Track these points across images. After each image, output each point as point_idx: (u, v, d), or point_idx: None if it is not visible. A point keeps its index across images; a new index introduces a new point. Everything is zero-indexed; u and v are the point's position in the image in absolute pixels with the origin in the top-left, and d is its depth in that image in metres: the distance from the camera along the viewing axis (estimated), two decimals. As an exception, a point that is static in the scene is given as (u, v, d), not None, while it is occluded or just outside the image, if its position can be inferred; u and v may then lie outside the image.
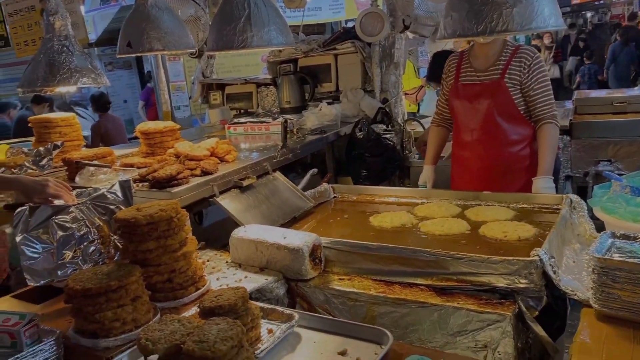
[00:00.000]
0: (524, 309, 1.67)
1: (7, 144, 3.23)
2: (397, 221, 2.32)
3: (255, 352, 1.47)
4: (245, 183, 2.49)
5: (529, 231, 2.08)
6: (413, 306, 1.77)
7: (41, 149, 2.74)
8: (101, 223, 1.87)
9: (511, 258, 1.72)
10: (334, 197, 2.88)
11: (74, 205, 1.78)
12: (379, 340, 1.51)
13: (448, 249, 1.87)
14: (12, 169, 2.61)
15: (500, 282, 1.72)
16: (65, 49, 2.55)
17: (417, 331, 1.77)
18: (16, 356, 1.44)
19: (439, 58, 3.71)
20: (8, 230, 2.29)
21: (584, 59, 11.46)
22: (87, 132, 6.29)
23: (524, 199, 2.44)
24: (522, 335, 1.68)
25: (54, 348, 1.52)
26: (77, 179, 2.37)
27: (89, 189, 1.92)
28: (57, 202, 1.82)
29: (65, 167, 2.60)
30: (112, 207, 1.86)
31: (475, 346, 1.69)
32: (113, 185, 1.83)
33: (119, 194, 1.86)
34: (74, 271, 1.71)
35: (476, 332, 1.68)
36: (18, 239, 1.77)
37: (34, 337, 1.52)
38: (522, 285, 1.69)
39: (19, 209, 1.81)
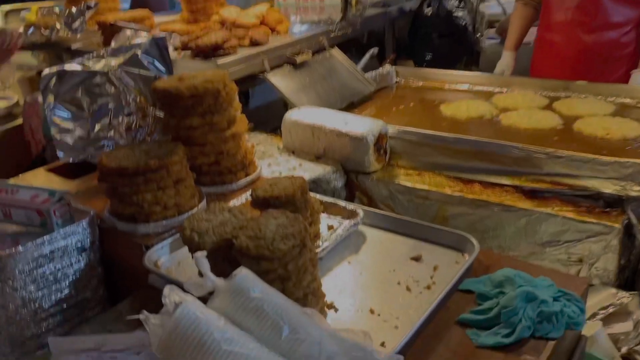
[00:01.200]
0: (634, 220, 1.39)
1: (38, 5, 2.96)
2: (473, 111, 2.01)
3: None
4: (299, 59, 2.18)
5: (635, 129, 1.75)
6: (496, 209, 1.52)
7: (73, 9, 2.46)
8: (138, 93, 1.63)
9: (625, 160, 1.42)
10: (396, 82, 2.55)
11: (107, 72, 1.52)
12: (461, 247, 1.27)
13: (537, 145, 1.58)
14: (43, 31, 2.36)
15: (608, 188, 1.44)
16: None
17: (498, 237, 1.53)
18: (45, 237, 1.26)
19: None
20: (40, 99, 2.08)
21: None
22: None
23: (627, 91, 2.07)
24: (626, 252, 1.42)
25: (88, 230, 1.35)
26: (112, 43, 2.11)
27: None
28: None
29: (100, 31, 2.33)
30: (149, 74, 1.60)
31: (567, 259, 1.45)
32: (145, 43, 1.55)
33: (155, 54, 1.58)
34: (108, 148, 1.50)
35: (572, 243, 1.43)
36: (47, 107, 1.55)
37: (65, 216, 1.35)
38: (634, 193, 1.40)
39: (45, 72, 1.57)
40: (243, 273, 0.89)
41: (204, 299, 0.88)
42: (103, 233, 1.41)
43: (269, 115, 2.81)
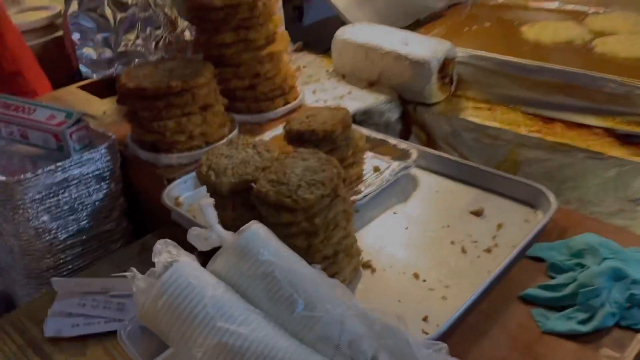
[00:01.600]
0: None
1: None
2: (562, 34, 1.69)
3: (354, 195, 1.08)
4: (358, -32, 1.89)
5: None
6: (580, 156, 1.25)
7: None
8: (169, 4, 1.43)
9: None
10: (472, -3, 2.21)
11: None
12: (533, 201, 1.05)
13: (640, 79, 1.27)
14: None
15: None
16: None
17: (578, 189, 1.28)
18: (59, 163, 1.14)
19: None
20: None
21: None
22: None
23: None
24: None
25: (107, 158, 1.21)
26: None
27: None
28: None
29: None
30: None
31: (665, 221, 1.19)
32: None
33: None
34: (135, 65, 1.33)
35: (673, 203, 1.17)
36: (70, 17, 1.39)
37: (83, 141, 1.22)
38: None
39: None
40: (253, 228, 0.72)
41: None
42: (126, 161, 1.29)
43: (324, 34, 2.54)
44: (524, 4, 2.07)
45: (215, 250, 0.73)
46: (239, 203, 0.94)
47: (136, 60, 1.43)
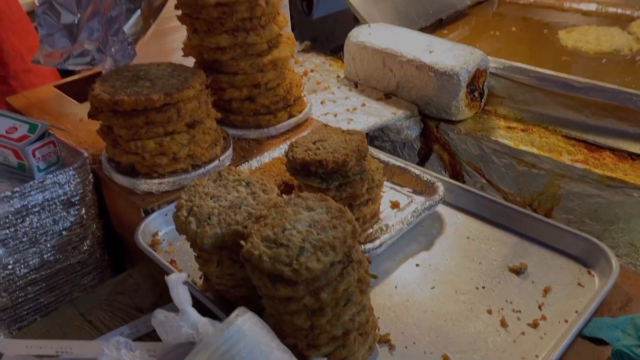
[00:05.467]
0: None
1: None
2: (605, 42, 1.48)
3: (369, 239, 0.89)
4: (376, -41, 1.68)
5: None
6: (635, 195, 1.06)
7: None
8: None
9: None
10: (499, -5, 2.00)
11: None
12: (587, 258, 0.86)
13: None
14: None
15: None
16: None
17: (631, 232, 1.09)
18: (17, 188, 0.96)
19: None
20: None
21: None
22: None
23: None
24: None
25: (77, 180, 1.03)
26: None
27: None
28: None
29: None
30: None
31: None
32: None
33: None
34: (98, 60, 1.13)
35: None
36: (39, 9, 1.19)
37: (49, 159, 1.03)
38: None
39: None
40: (239, 323, 0.54)
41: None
42: (102, 181, 1.10)
43: (337, 29, 2.34)
44: (558, 4, 1.87)
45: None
46: (225, 257, 0.75)
47: (98, 56, 1.20)
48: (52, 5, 1.14)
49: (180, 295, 0.55)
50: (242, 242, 0.67)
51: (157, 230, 0.97)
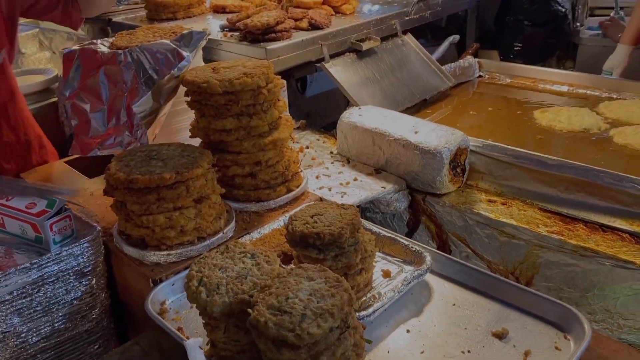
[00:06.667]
0: None
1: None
2: (576, 122, 1.62)
3: (362, 306, 0.97)
4: (365, 46, 1.84)
5: None
6: (607, 263, 1.15)
7: (120, -21, 2.23)
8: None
9: None
10: (479, 77, 2.17)
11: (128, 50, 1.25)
12: (563, 324, 0.93)
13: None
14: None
15: None
16: None
17: (605, 299, 1.17)
18: (35, 260, 1.03)
19: None
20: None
21: None
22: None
23: None
24: None
25: (90, 252, 1.10)
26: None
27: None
28: None
29: (144, 4, 2.09)
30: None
31: None
32: (181, 36, 1.27)
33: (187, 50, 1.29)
34: (119, 145, 1.23)
35: None
36: (65, 89, 1.31)
37: (65, 232, 1.11)
38: None
39: (67, 50, 1.33)
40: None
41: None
42: (111, 253, 1.17)
43: (328, 106, 2.49)
44: (533, 85, 2.03)
45: None
46: (232, 324, 0.82)
47: (120, 139, 1.31)
48: (81, 97, 1.25)
49: (197, 357, 0.62)
50: (250, 310, 0.75)
51: (164, 299, 1.04)
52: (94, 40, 1.40)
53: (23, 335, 1.05)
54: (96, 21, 2.16)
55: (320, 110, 2.39)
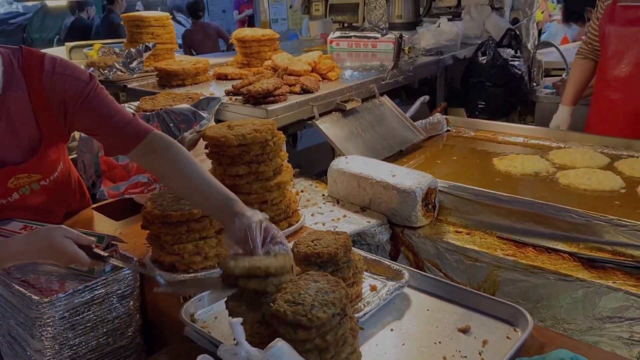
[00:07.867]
0: None
1: (101, 43, 3.08)
2: (529, 167, 1.93)
3: (355, 312, 1.21)
4: (348, 106, 2.16)
5: None
6: (552, 278, 1.42)
7: (132, 50, 2.54)
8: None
9: (697, 233, 1.31)
10: (447, 131, 2.49)
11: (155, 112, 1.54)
12: (513, 320, 1.19)
13: (597, 210, 1.47)
14: (102, 69, 2.44)
15: (678, 263, 1.32)
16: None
17: (552, 308, 1.43)
18: (88, 283, 1.26)
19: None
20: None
21: None
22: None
23: (697, 154, 1.94)
24: (698, 335, 1.29)
25: (130, 278, 1.34)
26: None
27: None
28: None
29: (156, 73, 2.39)
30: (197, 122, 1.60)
31: (629, 338, 1.33)
32: (199, 101, 1.57)
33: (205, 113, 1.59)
34: (149, 189, 1.49)
35: (635, 321, 1.31)
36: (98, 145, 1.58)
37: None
38: None
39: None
40: (279, 345, 0.85)
41: None
42: (143, 279, 1.40)
43: (316, 158, 2.78)
44: (494, 138, 2.35)
45: None
46: (255, 321, 1.06)
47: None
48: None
49: (238, 331, 0.86)
50: (271, 304, 1.00)
51: (193, 312, 1.27)
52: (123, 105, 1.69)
53: (75, 347, 1.27)
54: (111, 87, 2.46)
55: (310, 161, 2.68)
